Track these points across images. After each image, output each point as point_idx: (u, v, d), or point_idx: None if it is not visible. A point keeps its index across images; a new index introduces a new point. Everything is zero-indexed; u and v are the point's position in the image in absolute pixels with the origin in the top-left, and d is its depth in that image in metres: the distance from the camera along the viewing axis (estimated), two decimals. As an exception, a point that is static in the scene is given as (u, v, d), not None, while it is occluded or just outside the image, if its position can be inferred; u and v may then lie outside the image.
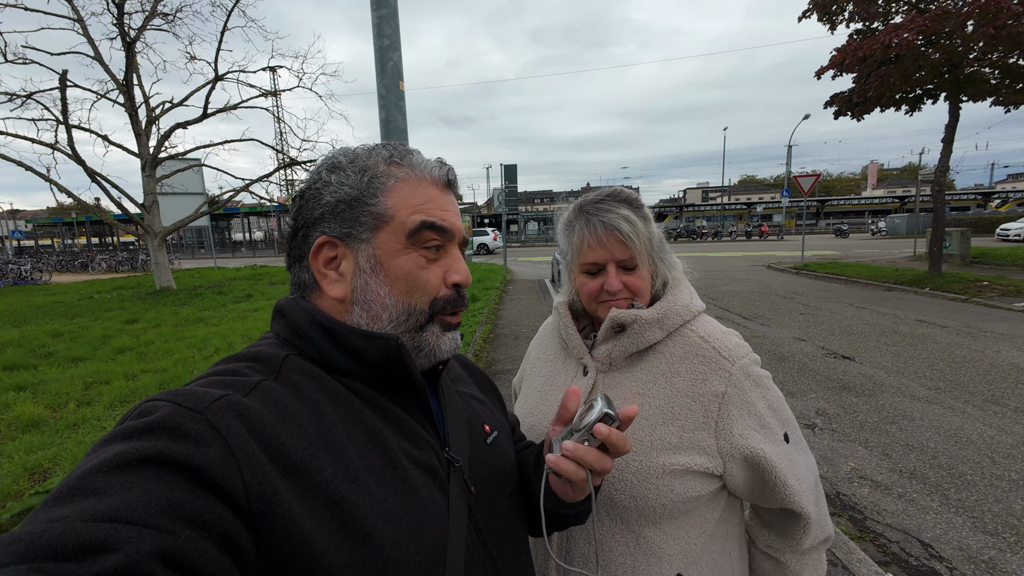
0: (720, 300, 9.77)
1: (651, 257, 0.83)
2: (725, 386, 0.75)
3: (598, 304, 0.83)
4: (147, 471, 0.36)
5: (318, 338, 0.53)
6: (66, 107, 11.22)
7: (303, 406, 0.48)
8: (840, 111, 11.58)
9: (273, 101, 14.79)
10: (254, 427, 0.42)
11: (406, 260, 0.55)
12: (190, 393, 0.43)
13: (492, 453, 0.65)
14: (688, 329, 0.82)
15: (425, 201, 0.57)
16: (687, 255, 14.06)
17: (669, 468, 0.73)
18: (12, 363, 5.59)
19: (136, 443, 0.38)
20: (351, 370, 0.53)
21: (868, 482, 3.06)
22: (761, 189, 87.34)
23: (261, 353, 0.52)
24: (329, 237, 0.56)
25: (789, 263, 16.22)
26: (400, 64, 1.94)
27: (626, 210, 0.80)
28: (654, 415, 0.76)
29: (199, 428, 0.40)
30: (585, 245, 0.81)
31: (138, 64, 12.13)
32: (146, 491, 0.35)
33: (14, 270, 17.83)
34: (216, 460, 0.39)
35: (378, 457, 0.49)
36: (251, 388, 0.46)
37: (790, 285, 11.76)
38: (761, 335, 6.76)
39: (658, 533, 0.75)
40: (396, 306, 0.55)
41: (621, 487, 0.74)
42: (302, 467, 0.43)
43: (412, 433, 0.55)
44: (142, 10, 11.85)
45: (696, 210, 57.38)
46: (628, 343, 0.80)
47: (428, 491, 0.52)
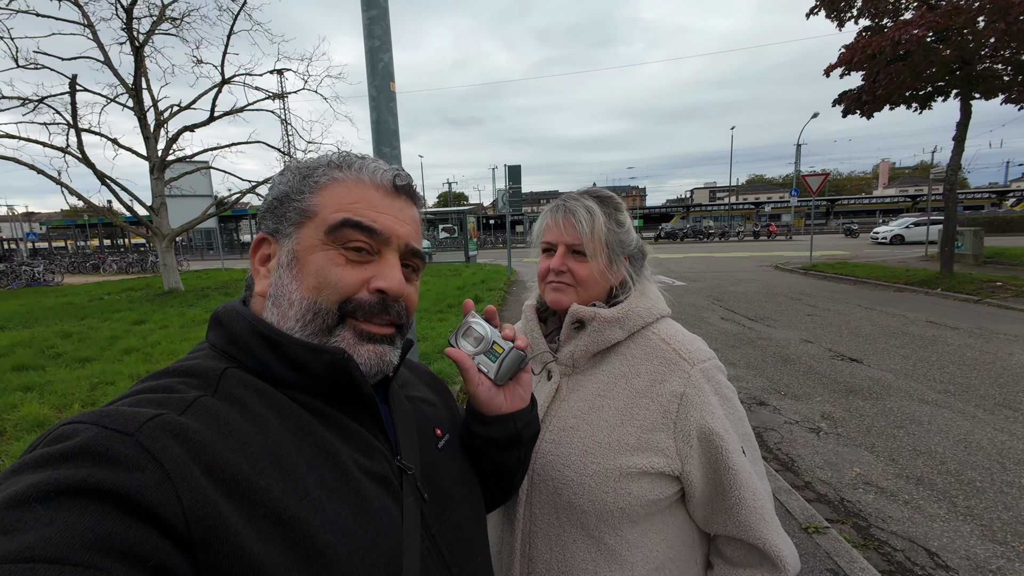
0: (726, 301, 9.67)
1: (609, 254, 0.83)
2: (684, 387, 0.75)
3: (545, 284, 0.86)
4: (68, 502, 0.33)
5: (259, 349, 0.51)
6: (76, 111, 11.39)
7: (247, 421, 0.45)
8: (849, 109, 11.43)
9: (280, 104, 14.91)
10: (193, 448, 0.40)
11: (320, 256, 0.52)
12: (116, 413, 0.39)
13: (444, 457, 0.64)
14: (649, 331, 0.83)
15: (356, 201, 0.54)
16: (693, 255, 14.04)
17: (627, 470, 0.73)
18: (21, 364, 5.67)
19: (53, 471, 0.34)
20: (296, 382, 0.51)
21: (873, 488, 2.99)
22: (769, 189, 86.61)
23: (196, 367, 0.49)
24: (264, 234, 0.56)
25: (797, 263, 16.04)
26: (391, 65, 1.93)
27: (594, 204, 0.83)
28: (613, 416, 0.77)
29: (130, 452, 0.36)
30: (545, 226, 0.86)
31: (147, 68, 12.29)
32: (67, 524, 0.32)
33: (28, 272, 18.16)
34: (150, 486, 0.36)
35: (329, 470, 0.48)
36: (187, 405, 0.43)
37: (798, 286, 11.62)
38: (767, 336, 6.68)
39: (619, 540, 0.74)
40: (302, 302, 0.52)
41: (580, 490, 0.74)
42: (248, 487, 0.41)
43: (363, 443, 0.53)
44: (150, 15, 12.01)
45: (703, 210, 57.06)
46: (589, 342, 0.81)
47: (381, 501, 0.50)
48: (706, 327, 7.44)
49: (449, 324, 7.45)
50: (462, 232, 24.29)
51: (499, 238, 43.51)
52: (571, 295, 0.83)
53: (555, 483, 0.76)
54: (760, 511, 0.73)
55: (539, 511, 0.78)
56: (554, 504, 0.77)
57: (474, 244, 23.81)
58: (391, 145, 2.00)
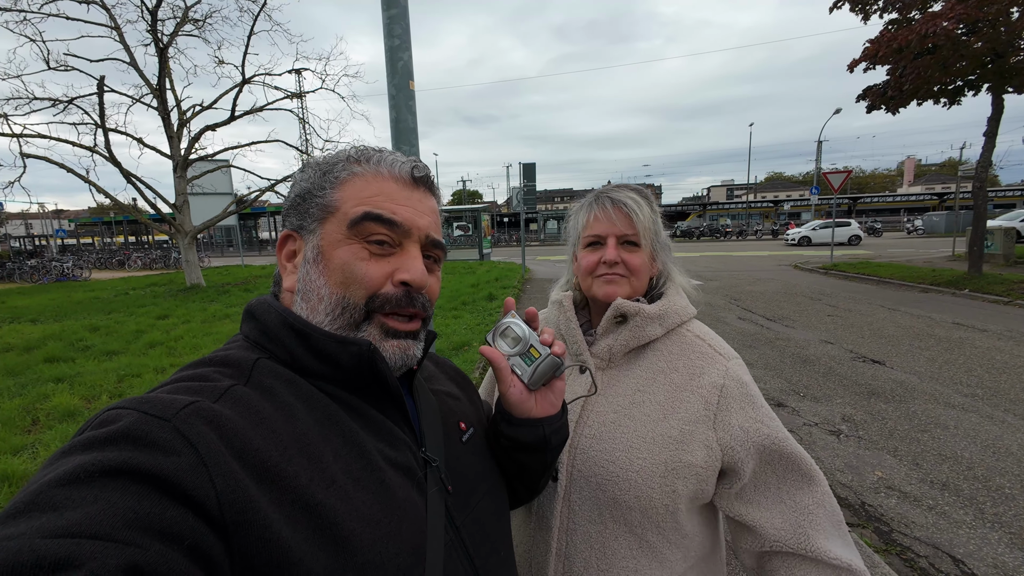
0: (743, 300, 9.52)
1: (654, 246, 0.85)
2: (723, 379, 0.76)
3: (593, 279, 0.84)
4: (111, 483, 0.34)
5: (289, 341, 0.52)
6: (103, 111, 11.73)
7: (276, 410, 0.47)
8: (873, 105, 11.12)
9: (298, 103, 15.13)
10: (226, 434, 0.41)
11: (345, 251, 0.53)
12: (156, 400, 0.41)
13: (468, 451, 0.65)
14: (684, 329, 0.84)
15: (376, 194, 0.55)
16: (710, 254, 13.85)
17: (672, 465, 0.73)
18: (52, 356, 5.88)
19: (99, 454, 0.36)
20: (324, 373, 0.52)
21: (896, 492, 2.92)
22: (789, 186, 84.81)
23: (231, 357, 0.51)
24: (289, 230, 0.58)
25: (817, 263, 15.70)
26: (410, 64, 1.94)
27: (635, 194, 0.84)
28: (655, 411, 0.77)
29: (167, 436, 0.38)
30: (592, 218, 0.84)
31: (170, 69, 12.59)
32: (110, 503, 0.33)
33: (57, 267, 18.80)
34: (186, 469, 0.37)
35: (355, 460, 0.49)
36: (221, 393, 0.45)
37: (818, 286, 11.37)
38: (785, 337, 6.56)
39: (661, 537, 0.74)
40: (331, 297, 0.53)
41: (626, 486, 0.73)
42: (277, 473, 0.42)
43: (388, 434, 0.54)
44: (174, 16, 12.29)
45: (720, 208, 56.16)
46: (629, 336, 0.81)
47: (406, 492, 0.51)
48: (723, 327, 7.34)
49: (463, 322, 7.48)
50: (476, 230, 24.35)
51: (513, 236, 43.49)
52: (625, 286, 0.82)
53: (598, 479, 0.75)
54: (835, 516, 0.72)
55: (579, 508, 0.77)
56: (596, 501, 0.76)
57: (488, 242, 23.85)
58: (410, 143, 2.02)
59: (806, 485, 0.73)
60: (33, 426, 3.84)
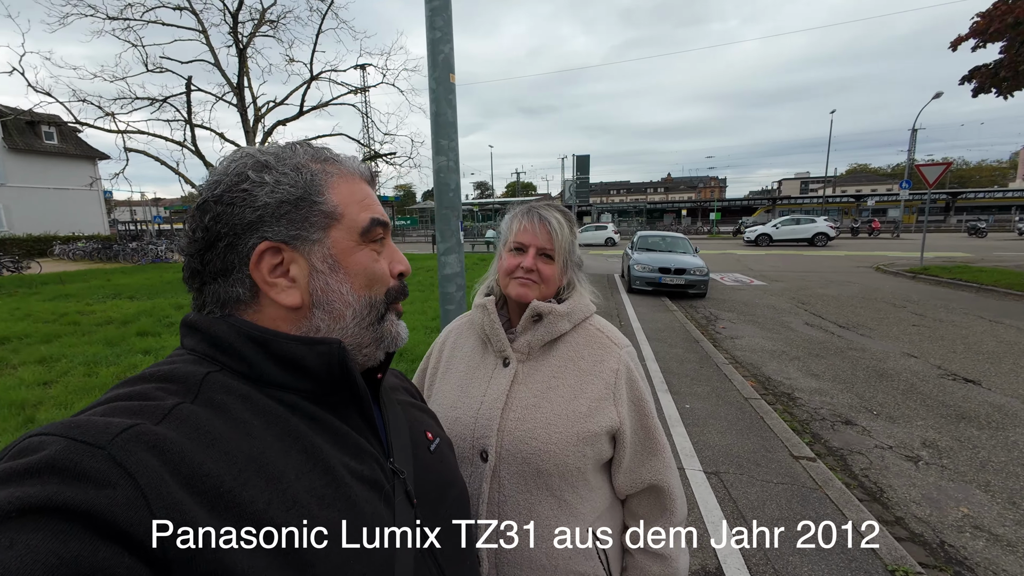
0: (812, 304, 8.78)
1: (567, 262, 0.99)
2: (618, 364, 0.94)
3: (510, 279, 0.96)
4: (31, 523, 0.31)
5: (247, 351, 0.49)
6: (191, 109, 12.85)
7: (230, 429, 0.44)
8: (981, 88, 9.76)
9: (361, 97, 15.76)
10: (170, 460, 0.38)
11: (362, 256, 0.56)
12: (87, 424, 0.37)
13: (435, 460, 0.66)
14: (588, 323, 1.00)
15: (364, 197, 0.58)
16: (776, 253, 12.96)
17: (583, 435, 0.88)
18: (144, 330, 6.58)
19: (15, 489, 0.32)
20: (285, 382, 0.50)
21: (984, 534, 2.56)
22: (875, 180, 77.16)
23: (175, 372, 0.47)
24: (273, 242, 0.51)
25: (904, 265, 14.15)
26: (451, 57, 1.91)
27: (561, 216, 0.98)
28: (567, 392, 0.92)
29: (100, 466, 0.34)
30: (521, 228, 0.97)
31: (248, 68, 13.54)
32: (29, 548, 0.30)
33: (153, 250, 21.05)
34: (122, 503, 0.34)
35: (319, 476, 0.46)
36: (165, 414, 0.41)
37: (903, 291, 10.25)
38: (860, 347, 5.97)
39: (575, 495, 0.89)
40: (359, 301, 0.55)
41: (547, 457, 0.87)
42: (231, 499, 0.39)
43: (354, 446, 0.52)
44: (252, 18, 13.17)
45: (792, 203, 52.15)
46: (544, 332, 0.95)
47: (373, 507, 0.50)
48: (785, 332, 6.82)
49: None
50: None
51: (565, 229, 42.77)
52: (535, 291, 0.95)
53: (523, 454, 0.88)
54: (667, 459, 0.95)
55: (507, 481, 0.89)
56: (522, 473, 0.88)
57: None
58: (448, 137, 2.00)
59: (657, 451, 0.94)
60: (122, 393, 4.31)
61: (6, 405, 3.85)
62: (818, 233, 24.75)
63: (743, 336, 6.69)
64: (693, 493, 2.78)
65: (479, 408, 0.92)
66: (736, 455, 3.24)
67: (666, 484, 0.93)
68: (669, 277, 9.45)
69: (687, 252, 10.84)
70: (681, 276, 9.43)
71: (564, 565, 0.87)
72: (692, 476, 2.97)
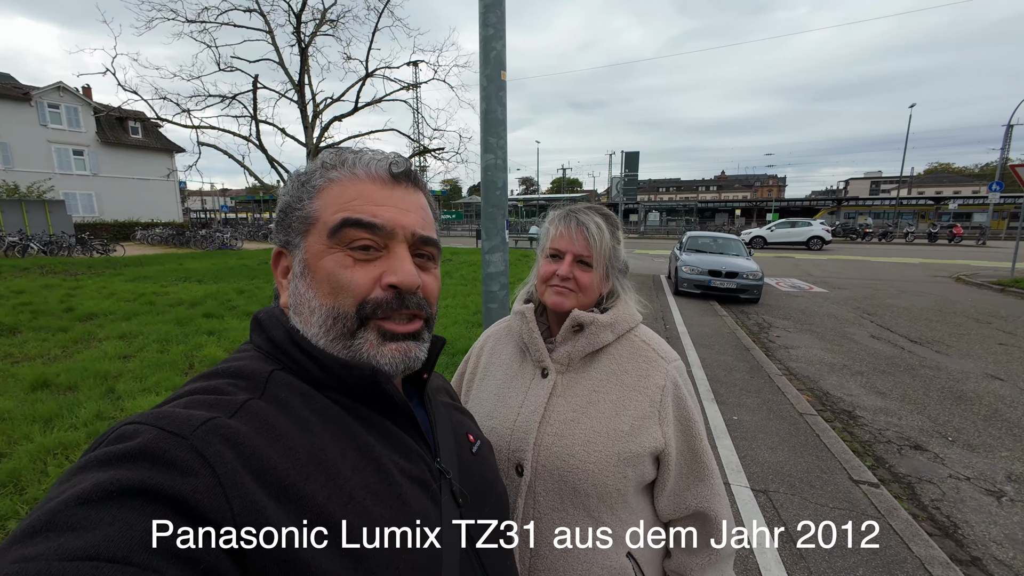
0: (880, 315, 8.11)
1: (607, 267, 0.93)
2: (664, 380, 0.88)
3: (547, 287, 0.92)
4: (129, 503, 0.34)
5: (300, 359, 0.52)
6: (256, 106, 13.65)
7: (292, 425, 0.46)
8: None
9: (412, 93, 16.12)
10: (243, 452, 0.41)
11: (329, 260, 0.52)
12: (173, 416, 0.41)
13: (477, 462, 0.66)
14: (632, 334, 0.94)
15: (354, 198, 0.53)
16: (840, 258, 12.09)
17: (624, 455, 0.83)
18: (209, 312, 7.09)
19: (116, 472, 0.36)
20: (336, 386, 0.52)
21: (1082, 586, 2.26)
22: (958, 181, 70.17)
23: (244, 368, 0.50)
24: (278, 247, 0.57)
25: (990, 276, 12.78)
26: (503, 53, 1.89)
27: (601, 221, 0.92)
28: (609, 408, 0.87)
29: (185, 455, 0.38)
30: (557, 234, 0.93)
31: (309, 66, 14.19)
32: (128, 525, 0.33)
33: (219, 237, 22.65)
34: (203, 490, 0.37)
35: (372, 473, 0.49)
36: (237, 408, 0.44)
37: (988, 305, 9.26)
38: (934, 365, 5.45)
39: (613, 518, 0.85)
40: (321, 309, 0.52)
41: (584, 476, 0.82)
42: (295, 492, 0.42)
43: (403, 446, 0.54)
44: (313, 19, 13.79)
45: (860, 204, 48.42)
46: (585, 343, 0.90)
47: (421, 504, 0.51)
48: (848, 344, 6.34)
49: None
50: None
51: (611, 227, 41.97)
52: (572, 300, 0.91)
53: (560, 472, 0.84)
54: (716, 486, 0.88)
55: (543, 498, 0.85)
56: (559, 491, 0.84)
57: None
58: (498, 135, 1.99)
59: (705, 477, 0.88)
60: (190, 369, 4.66)
61: (92, 375, 4.27)
62: (813, 236, 24.65)
63: (799, 346, 6.29)
64: (739, 510, 2.64)
65: (515, 419, 0.89)
66: (788, 474, 3.05)
67: (713, 512, 0.87)
68: (719, 280, 9.03)
69: (740, 254, 10.32)
70: (732, 280, 8.99)
71: None
72: (738, 492, 2.82)
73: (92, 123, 27.96)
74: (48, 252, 15.95)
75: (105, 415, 3.50)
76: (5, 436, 3.11)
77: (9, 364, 4.64)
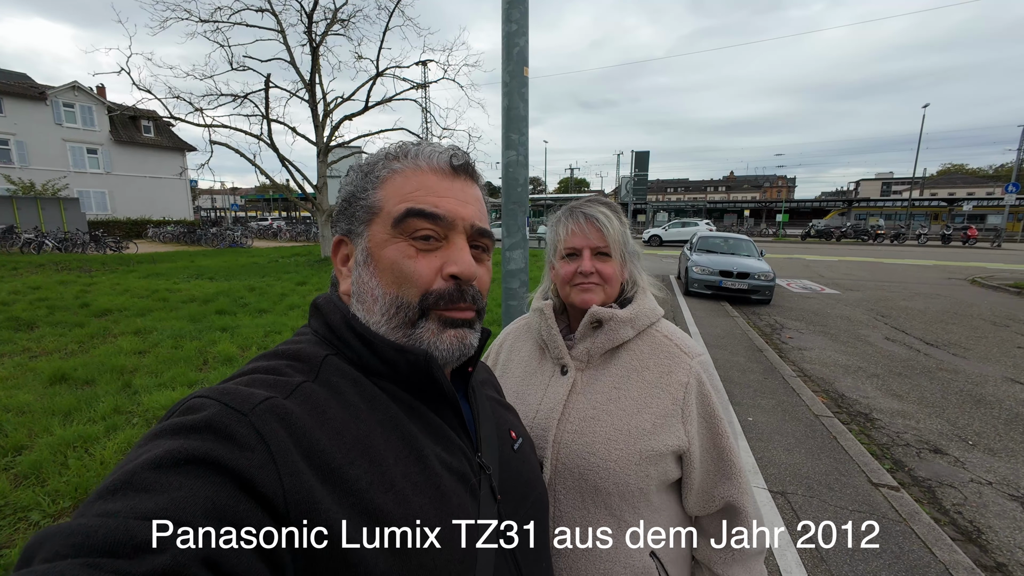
0: (894, 318, 8.01)
1: (623, 255, 0.92)
2: (688, 377, 0.86)
3: (571, 287, 0.91)
4: (194, 471, 0.37)
5: (355, 344, 0.53)
6: (268, 105, 13.76)
7: (342, 410, 0.48)
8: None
9: (422, 93, 16.17)
10: (295, 432, 0.42)
11: (393, 250, 0.53)
12: (236, 393, 0.43)
13: (518, 459, 0.66)
14: (654, 329, 0.92)
15: (416, 189, 0.54)
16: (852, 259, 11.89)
17: (646, 453, 0.82)
18: (221, 309, 7.16)
19: (185, 441, 0.38)
20: (387, 373, 0.53)
21: (1113, 595, 2.21)
22: (972, 182, 69.09)
23: (302, 352, 0.52)
24: (340, 235, 0.59)
25: (1006, 279, 12.57)
26: (526, 50, 1.89)
27: (605, 209, 0.92)
28: (630, 405, 0.85)
29: (244, 431, 0.40)
30: (568, 232, 0.91)
31: (320, 65, 14.28)
32: (193, 492, 0.36)
33: (230, 235, 22.87)
34: (258, 466, 0.39)
35: (413, 463, 0.49)
36: (292, 390, 0.46)
37: (1005, 307, 9.11)
38: (951, 368, 5.36)
39: (635, 516, 0.83)
40: (385, 298, 0.53)
41: (605, 475, 0.81)
42: (340, 475, 0.43)
43: (445, 439, 0.55)
44: (325, 18, 13.87)
45: (871, 205, 47.81)
46: (605, 339, 0.89)
47: (460, 498, 0.52)
48: (862, 346, 6.26)
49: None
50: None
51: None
52: (600, 294, 0.90)
53: (580, 470, 0.83)
54: (743, 483, 0.86)
55: (563, 496, 0.84)
56: (579, 489, 0.83)
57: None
58: (519, 131, 1.98)
59: (731, 474, 0.85)
60: (204, 365, 4.70)
61: (109, 370, 4.32)
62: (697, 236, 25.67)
63: (812, 348, 6.22)
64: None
65: (534, 416, 0.89)
66: (805, 476, 3.01)
67: (741, 505, 0.86)
68: (730, 281, 8.96)
69: (751, 255, 10.23)
70: (744, 280, 8.91)
71: None
72: (756, 494, 2.79)
73: (106, 122, 28.37)
74: (63, 249, 16.19)
75: (123, 409, 3.55)
76: (26, 429, 3.16)
77: (27, 358, 4.71)
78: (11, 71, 30.17)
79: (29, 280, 9.36)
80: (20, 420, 3.28)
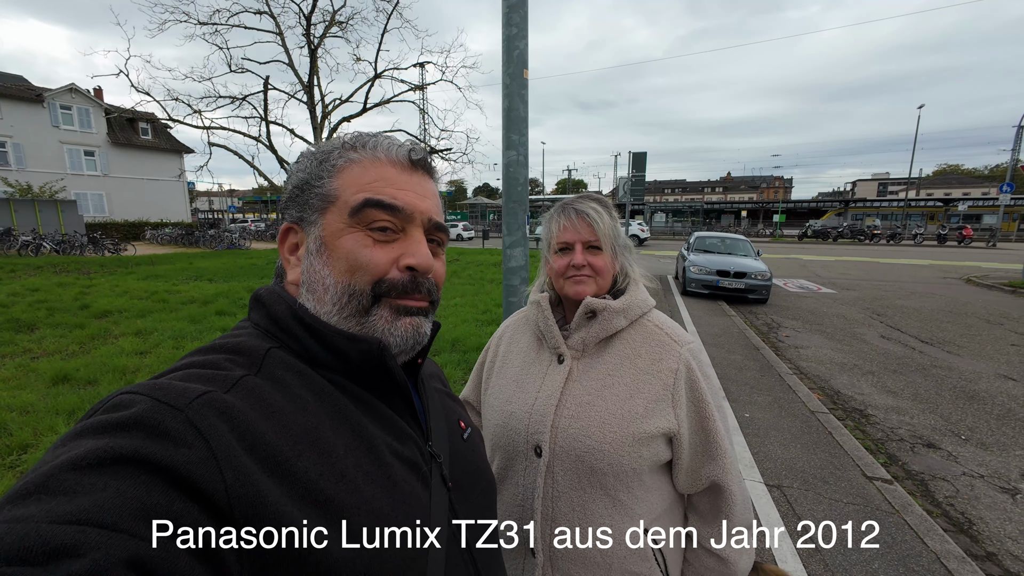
0: (889, 316, 8.08)
1: (614, 248, 0.97)
2: (677, 363, 0.90)
3: (565, 280, 0.96)
4: (122, 471, 0.34)
5: (301, 335, 0.52)
6: (267, 107, 13.79)
7: (288, 402, 0.46)
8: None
9: (420, 94, 16.22)
10: (237, 426, 0.41)
11: (348, 239, 0.52)
12: (169, 387, 0.41)
13: (468, 448, 0.67)
14: (645, 319, 0.97)
15: (375, 180, 0.54)
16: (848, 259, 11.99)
17: (638, 435, 0.86)
18: (221, 310, 7.18)
19: (111, 440, 0.35)
20: (335, 365, 0.52)
21: (1099, 582, 2.26)
22: (967, 182, 69.56)
23: (242, 345, 0.50)
24: (289, 223, 0.57)
25: (1001, 277, 12.69)
26: (526, 52, 1.94)
27: (596, 204, 0.96)
28: (623, 391, 0.90)
29: (179, 427, 0.38)
30: (560, 228, 0.96)
31: (318, 67, 14.32)
32: (119, 492, 0.33)
33: (228, 237, 22.85)
34: (196, 462, 0.36)
35: (364, 453, 0.49)
36: (233, 384, 0.44)
37: (999, 306, 9.20)
38: (945, 365, 5.43)
39: (630, 495, 0.88)
40: (336, 286, 0.52)
41: (600, 456, 0.86)
42: (288, 468, 0.42)
43: (396, 428, 0.54)
44: (323, 20, 13.92)
45: (867, 206, 48.07)
46: (599, 329, 0.93)
47: (411, 487, 0.51)
48: (858, 344, 6.32)
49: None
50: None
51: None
52: (592, 285, 0.94)
53: (577, 452, 0.87)
54: (728, 463, 0.90)
55: (561, 478, 0.89)
56: (576, 471, 0.88)
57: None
58: (520, 132, 2.03)
59: (717, 455, 0.89)
60: (205, 366, 4.73)
61: (111, 370, 4.34)
62: (630, 235, 26.30)
63: (809, 346, 6.28)
64: (753, 505, 2.66)
65: (533, 403, 0.93)
66: (801, 470, 3.06)
67: (726, 484, 0.90)
68: (727, 280, 9.02)
69: (748, 255, 10.30)
70: (740, 280, 8.98)
71: (619, 564, 0.86)
72: (752, 488, 2.84)
73: (103, 124, 28.34)
74: (60, 251, 16.17)
75: (126, 408, 3.58)
76: (31, 427, 3.19)
77: (29, 359, 4.73)
78: (7, 73, 30.19)
79: (28, 282, 9.37)
80: (24, 419, 3.31)
